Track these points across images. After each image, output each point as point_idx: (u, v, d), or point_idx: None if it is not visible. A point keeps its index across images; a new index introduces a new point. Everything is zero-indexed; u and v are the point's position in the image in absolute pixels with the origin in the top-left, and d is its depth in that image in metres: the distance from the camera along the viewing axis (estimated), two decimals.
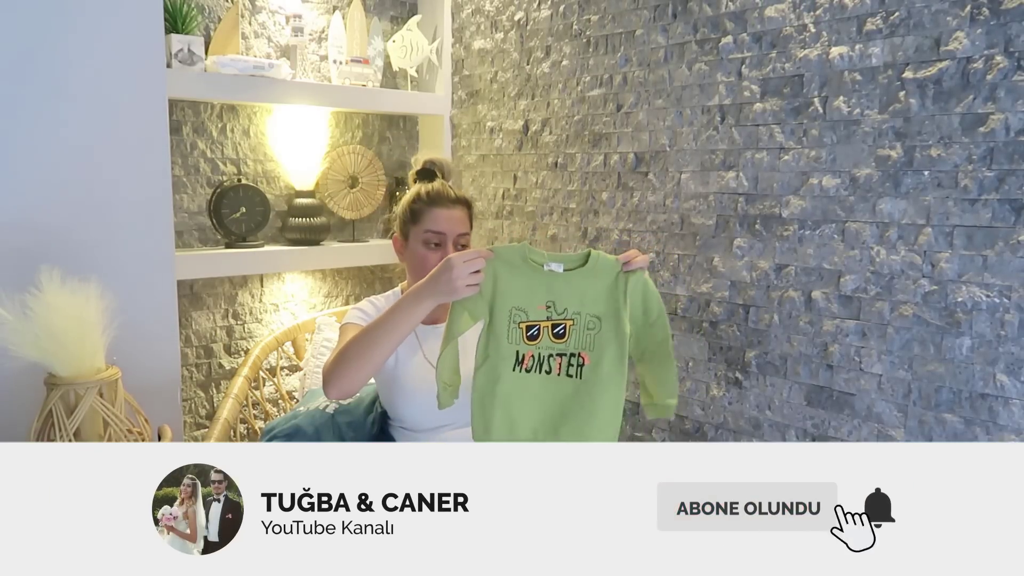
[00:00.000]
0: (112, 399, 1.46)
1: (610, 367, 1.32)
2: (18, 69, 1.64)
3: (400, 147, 2.68)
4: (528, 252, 1.35)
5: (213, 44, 2.16)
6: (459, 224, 1.60)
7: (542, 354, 1.33)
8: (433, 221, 1.59)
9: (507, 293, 1.33)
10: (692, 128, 1.84)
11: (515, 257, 1.34)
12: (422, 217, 1.60)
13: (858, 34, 1.53)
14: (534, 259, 1.34)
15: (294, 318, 2.42)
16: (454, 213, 1.60)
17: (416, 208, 1.61)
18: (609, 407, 1.32)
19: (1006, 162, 1.35)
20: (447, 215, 1.59)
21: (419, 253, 1.61)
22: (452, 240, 1.59)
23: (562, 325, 1.33)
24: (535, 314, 1.33)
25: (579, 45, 2.11)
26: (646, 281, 1.36)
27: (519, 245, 1.35)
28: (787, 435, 1.69)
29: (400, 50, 2.47)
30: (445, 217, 1.59)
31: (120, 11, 1.74)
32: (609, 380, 1.32)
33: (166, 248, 1.87)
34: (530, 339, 1.33)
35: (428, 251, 1.60)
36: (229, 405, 1.84)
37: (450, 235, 1.59)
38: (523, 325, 1.33)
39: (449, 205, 1.60)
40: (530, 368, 1.34)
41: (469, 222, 1.64)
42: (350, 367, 1.42)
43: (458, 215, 1.61)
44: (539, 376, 1.34)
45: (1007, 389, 1.37)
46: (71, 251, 1.69)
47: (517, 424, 1.33)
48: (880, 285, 1.52)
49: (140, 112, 1.80)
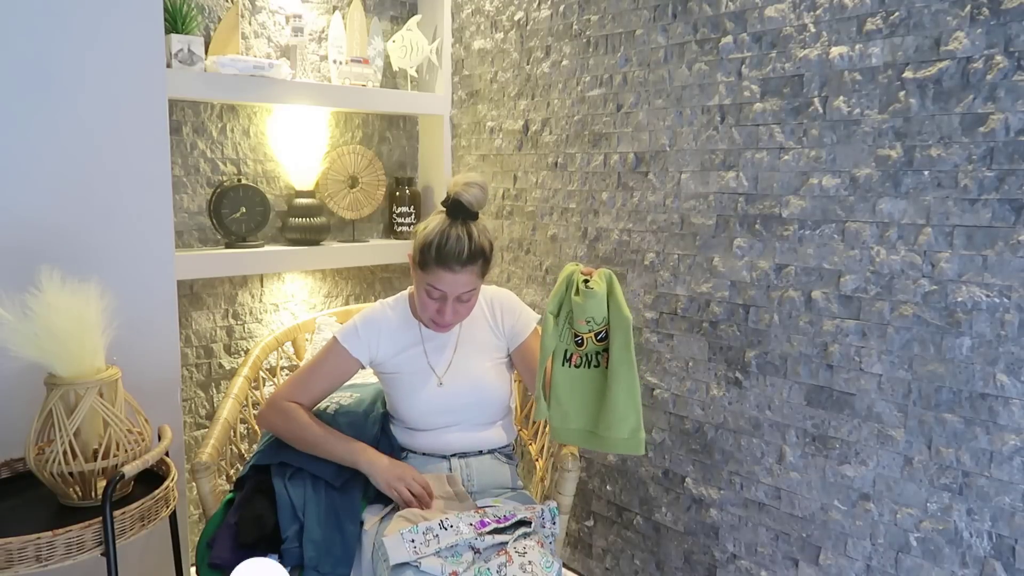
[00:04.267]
0: (112, 399, 1.45)
1: (618, 359, 1.46)
2: (18, 69, 1.64)
3: (400, 147, 2.68)
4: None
5: (213, 44, 2.16)
6: (463, 286, 1.59)
7: (587, 353, 1.50)
8: (438, 280, 1.58)
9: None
10: (692, 128, 1.83)
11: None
12: (428, 270, 1.58)
13: (858, 34, 1.53)
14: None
15: (294, 318, 2.42)
16: (460, 278, 1.58)
17: (426, 260, 1.58)
18: (621, 394, 1.47)
19: (1006, 162, 1.35)
20: (452, 279, 1.57)
21: (420, 294, 1.64)
22: (453, 298, 1.60)
23: (603, 331, 1.48)
24: (580, 327, 1.49)
25: (579, 45, 2.11)
26: None
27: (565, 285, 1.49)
28: (787, 435, 1.69)
29: (400, 50, 2.47)
30: (450, 280, 1.57)
31: (120, 11, 1.74)
32: (619, 367, 1.46)
33: (166, 248, 1.87)
34: (577, 344, 1.51)
35: (428, 299, 1.62)
36: (229, 405, 1.83)
37: (451, 295, 1.59)
38: (573, 333, 1.51)
39: (457, 270, 1.56)
40: (578, 364, 1.51)
41: (480, 276, 1.62)
42: (280, 429, 1.65)
43: (464, 279, 1.58)
44: (587, 370, 1.51)
45: (1007, 389, 1.37)
46: (71, 251, 1.69)
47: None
48: (880, 285, 1.52)
49: (140, 112, 1.80)
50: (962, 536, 1.43)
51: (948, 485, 1.45)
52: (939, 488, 1.46)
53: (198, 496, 1.63)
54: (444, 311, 1.60)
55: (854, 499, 1.59)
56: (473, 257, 1.57)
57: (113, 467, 1.42)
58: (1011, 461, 1.37)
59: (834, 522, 1.62)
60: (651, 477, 2.00)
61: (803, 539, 1.68)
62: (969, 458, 1.42)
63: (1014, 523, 1.37)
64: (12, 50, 1.63)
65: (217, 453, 1.69)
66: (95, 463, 1.41)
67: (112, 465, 1.42)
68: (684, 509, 1.92)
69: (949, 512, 1.45)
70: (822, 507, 1.64)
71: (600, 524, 2.16)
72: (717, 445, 1.83)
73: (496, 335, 1.74)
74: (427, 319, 1.65)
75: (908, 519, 1.51)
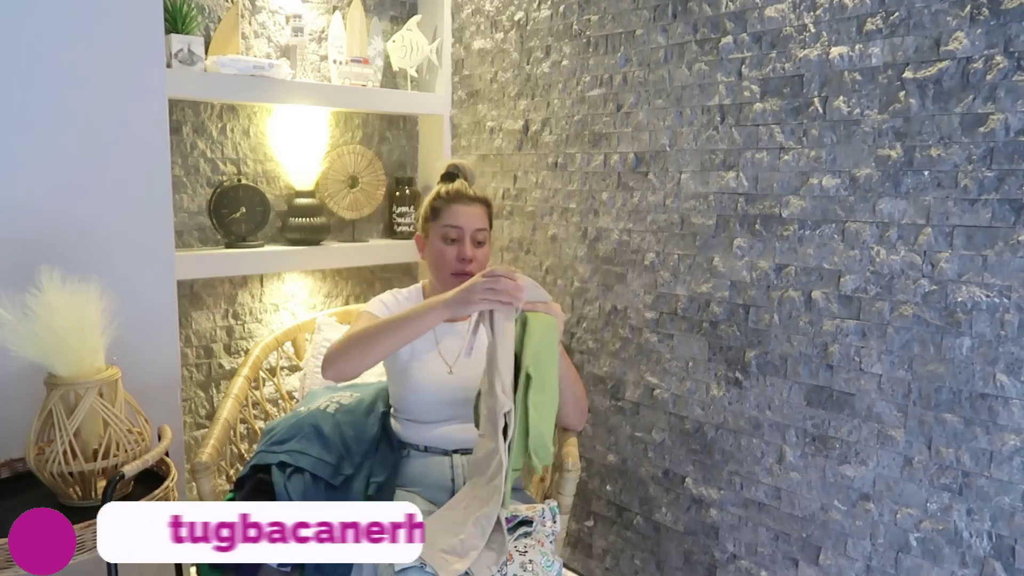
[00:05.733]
0: (112, 399, 1.45)
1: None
2: (18, 69, 1.64)
3: (400, 147, 2.68)
4: None
5: (213, 44, 2.16)
6: (477, 220, 1.70)
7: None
8: (452, 216, 1.69)
9: None
10: (692, 128, 1.84)
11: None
12: (441, 213, 1.70)
13: (858, 34, 1.53)
14: None
15: (294, 318, 2.42)
16: (472, 210, 1.70)
17: (436, 205, 1.72)
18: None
19: (1006, 162, 1.35)
20: (465, 211, 1.69)
21: (437, 248, 1.71)
22: (470, 235, 1.69)
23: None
24: None
25: (579, 45, 2.11)
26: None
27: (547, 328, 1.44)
28: (787, 435, 1.69)
29: (400, 50, 2.47)
30: (464, 213, 1.69)
31: (120, 11, 1.74)
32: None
33: (166, 248, 1.87)
34: None
35: (446, 246, 1.69)
36: (229, 405, 1.83)
37: (467, 230, 1.69)
38: None
39: (467, 202, 1.70)
40: None
41: (488, 220, 1.74)
42: (353, 352, 1.50)
43: (476, 212, 1.71)
44: None
45: (1007, 389, 1.37)
46: (71, 251, 1.69)
47: None
48: (880, 285, 1.52)
49: (140, 112, 1.80)
50: (962, 536, 1.43)
51: (948, 485, 1.45)
52: (939, 488, 1.46)
53: (198, 496, 1.63)
54: (465, 253, 1.67)
55: (854, 499, 1.59)
56: (479, 197, 1.73)
57: (113, 467, 1.42)
58: (1011, 461, 1.37)
59: (834, 522, 1.62)
60: (651, 477, 2.00)
61: (803, 539, 1.68)
62: (969, 458, 1.42)
63: (1014, 523, 1.37)
64: (12, 50, 1.63)
65: (217, 453, 1.69)
66: (95, 463, 1.41)
67: (112, 465, 1.42)
68: (684, 509, 1.92)
69: (949, 512, 1.45)
70: (822, 507, 1.64)
71: (600, 524, 2.16)
72: (717, 445, 1.83)
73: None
74: (449, 271, 1.68)
75: (908, 519, 1.51)
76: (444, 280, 1.69)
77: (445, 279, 1.69)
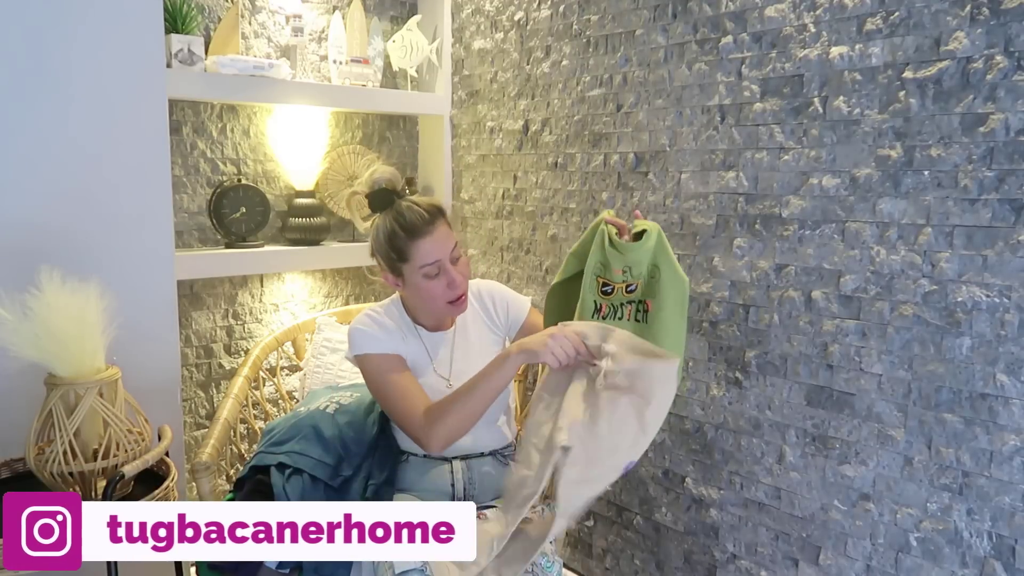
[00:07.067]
0: (112, 399, 1.46)
1: (670, 312, 1.45)
2: (18, 69, 1.64)
3: (400, 147, 2.68)
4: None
5: (213, 44, 2.16)
6: (445, 241, 1.57)
7: (615, 303, 1.48)
8: (423, 254, 1.55)
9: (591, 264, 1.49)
10: (692, 128, 1.83)
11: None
12: (409, 254, 1.56)
13: (858, 34, 1.53)
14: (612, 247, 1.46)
15: (294, 318, 2.42)
16: (437, 235, 1.56)
17: (399, 246, 1.57)
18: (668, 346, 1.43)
19: (1006, 162, 1.35)
20: (431, 241, 1.56)
21: (422, 286, 1.59)
22: (448, 260, 1.57)
23: (634, 284, 1.46)
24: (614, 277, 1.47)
25: (579, 45, 2.11)
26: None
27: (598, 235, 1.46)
28: (787, 435, 1.69)
29: (400, 50, 2.47)
30: (432, 244, 1.55)
31: (120, 11, 1.74)
32: (669, 322, 1.45)
33: (166, 248, 1.87)
34: (604, 294, 1.48)
35: (431, 281, 1.58)
36: (229, 405, 1.83)
37: (444, 258, 1.57)
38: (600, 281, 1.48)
39: (428, 231, 1.55)
40: (606, 315, 1.48)
41: (451, 228, 1.61)
42: (456, 427, 1.49)
43: (440, 234, 1.57)
44: (613, 322, 1.48)
45: (1007, 389, 1.37)
46: (71, 251, 1.69)
47: None
48: (880, 285, 1.52)
49: (140, 112, 1.80)
50: (962, 536, 1.43)
51: (948, 485, 1.45)
52: (939, 488, 1.46)
53: (198, 496, 1.63)
54: (453, 280, 1.57)
55: (854, 499, 1.59)
56: (432, 213, 1.57)
57: (113, 467, 1.42)
58: (1011, 461, 1.37)
59: (834, 522, 1.62)
60: (651, 477, 2.00)
61: (803, 539, 1.68)
62: (969, 458, 1.42)
63: (1014, 523, 1.37)
64: (12, 50, 1.63)
65: (217, 453, 1.69)
66: (95, 463, 1.41)
67: (112, 465, 1.42)
68: (684, 509, 1.92)
69: (949, 512, 1.45)
70: (822, 507, 1.64)
71: (600, 524, 2.16)
72: (717, 445, 1.83)
73: (493, 329, 1.74)
74: (443, 304, 1.60)
75: (908, 519, 1.51)
76: (439, 310, 1.63)
77: (440, 309, 1.63)
